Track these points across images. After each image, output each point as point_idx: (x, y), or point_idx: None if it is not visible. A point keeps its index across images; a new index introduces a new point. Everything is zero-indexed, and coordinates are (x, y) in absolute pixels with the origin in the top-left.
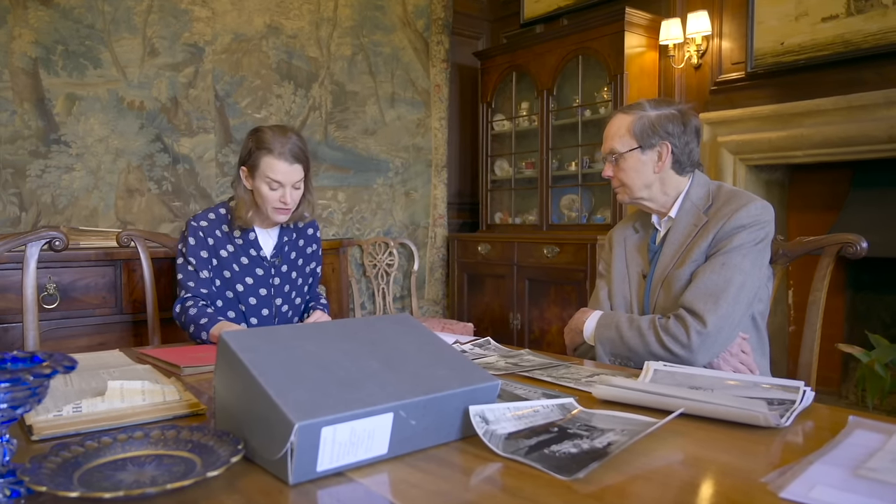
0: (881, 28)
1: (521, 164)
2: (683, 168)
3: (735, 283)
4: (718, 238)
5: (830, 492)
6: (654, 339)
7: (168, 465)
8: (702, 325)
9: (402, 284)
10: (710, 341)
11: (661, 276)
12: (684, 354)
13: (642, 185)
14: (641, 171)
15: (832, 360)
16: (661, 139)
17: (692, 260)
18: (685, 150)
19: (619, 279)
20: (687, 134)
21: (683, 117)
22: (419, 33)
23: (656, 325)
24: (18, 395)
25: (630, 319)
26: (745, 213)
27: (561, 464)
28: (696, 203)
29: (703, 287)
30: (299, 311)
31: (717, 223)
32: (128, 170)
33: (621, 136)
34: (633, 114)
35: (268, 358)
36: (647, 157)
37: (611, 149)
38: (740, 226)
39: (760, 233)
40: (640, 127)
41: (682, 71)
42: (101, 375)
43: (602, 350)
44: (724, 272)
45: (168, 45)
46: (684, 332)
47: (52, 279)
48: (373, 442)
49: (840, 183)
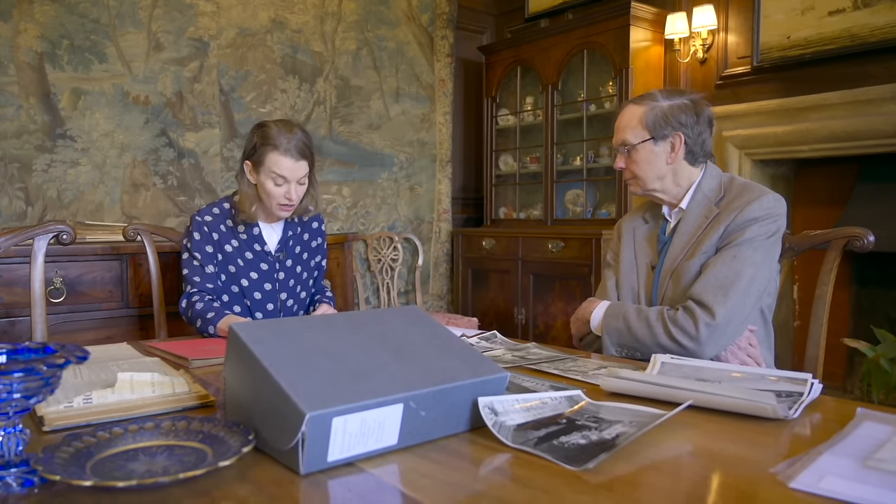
0: (888, 22)
1: (525, 158)
2: (696, 159)
3: (746, 276)
4: (730, 230)
5: (839, 482)
6: (663, 330)
7: (179, 455)
8: (711, 317)
9: (407, 279)
10: (718, 333)
11: (671, 268)
12: (692, 346)
13: (655, 177)
14: (654, 163)
15: (837, 355)
16: (674, 130)
17: (702, 252)
18: (698, 140)
19: (627, 270)
20: (700, 124)
21: (696, 107)
22: (424, 28)
23: (665, 316)
24: (32, 385)
25: (638, 310)
26: (757, 205)
27: (570, 454)
28: (708, 195)
29: (714, 279)
30: (304, 305)
31: (729, 215)
32: (133, 164)
33: (633, 127)
34: (644, 104)
35: (278, 349)
36: (660, 149)
37: (623, 140)
38: (752, 218)
39: (773, 226)
40: (652, 118)
41: (687, 65)
42: (110, 367)
43: (609, 340)
44: (735, 264)
45: (173, 39)
46: (693, 325)
47: (59, 273)
48: (383, 432)
49: (846, 177)
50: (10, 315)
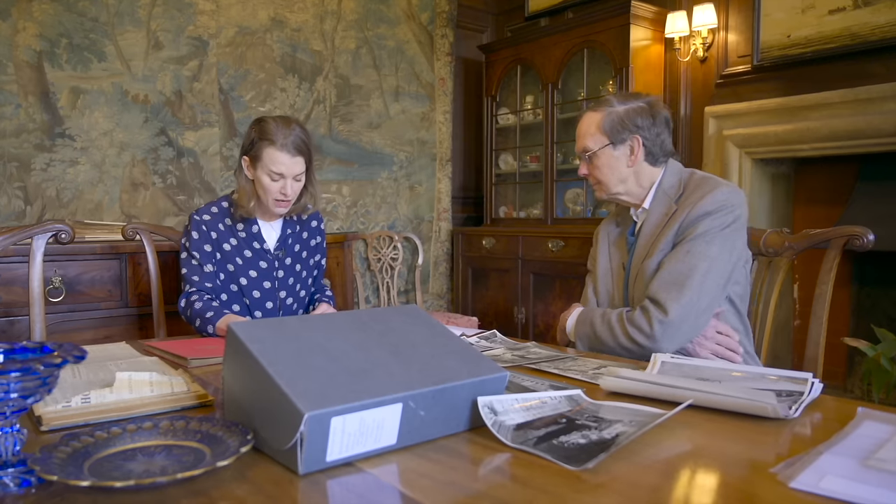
0: (889, 20)
1: (525, 157)
2: (657, 159)
3: (699, 270)
4: (684, 226)
5: (840, 482)
6: (621, 331)
7: (178, 455)
8: (663, 314)
9: (407, 278)
10: (672, 330)
11: (636, 268)
12: (648, 345)
13: (617, 181)
14: (615, 167)
15: (837, 355)
16: (632, 133)
17: (660, 250)
18: (656, 141)
19: (603, 274)
20: (657, 125)
21: (652, 109)
22: (423, 26)
23: (623, 317)
24: (29, 385)
25: (603, 314)
26: (709, 199)
27: (570, 454)
28: (668, 192)
29: (667, 276)
30: (304, 304)
31: (684, 211)
32: (132, 163)
33: (592, 133)
34: (601, 110)
35: (277, 348)
36: (620, 153)
37: (584, 147)
38: (704, 213)
39: (727, 217)
40: (609, 123)
41: (687, 64)
42: (108, 367)
43: (580, 345)
44: (688, 260)
45: (172, 38)
46: (647, 323)
47: (58, 273)
48: (382, 432)
49: (846, 176)
50: (9, 314)
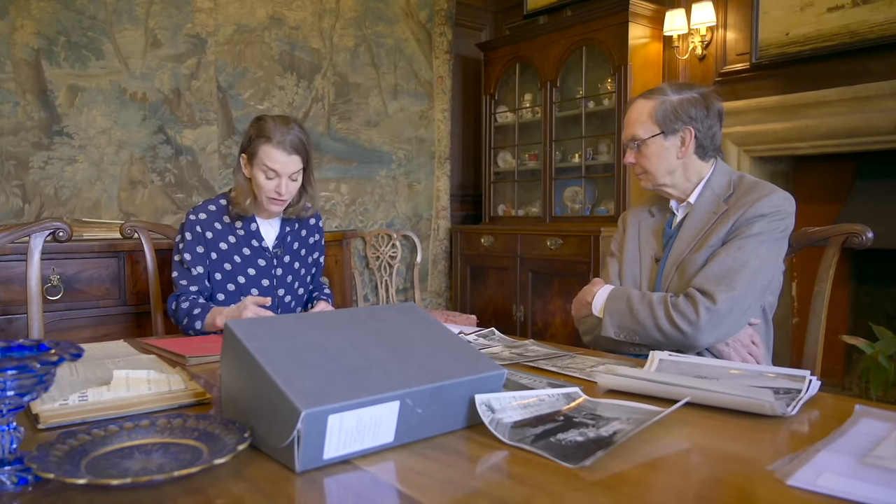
0: (887, 18)
1: (524, 155)
2: (707, 153)
3: (751, 267)
4: (738, 225)
5: (837, 479)
6: (664, 314)
7: (175, 453)
8: (712, 301)
9: (405, 277)
10: (717, 320)
11: (676, 261)
12: (691, 332)
13: (665, 171)
14: (664, 157)
15: (836, 352)
16: (684, 124)
17: (709, 245)
18: (708, 134)
19: (630, 261)
20: (710, 118)
21: (706, 101)
22: (422, 24)
23: (668, 301)
24: (25, 383)
25: (642, 294)
26: (767, 202)
27: (567, 452)
28: (717, 191)
29: (717, 269)
30: (302, 302)
31: (738, 211)
32: (130, 161)
33: (643, 122)
34: (654, 99)
35: (274, 346)
36: (671, 143)
37: (633, 135)
38: (761, 214)
39: (781, 223)
40: (662, 112)
41: (686, 62)
42: (106, 365)
43: (610, 321)
44: (740, 255)
45: (170, 36)
46: (693, 310)
47: (56, 271)
48: (379, 430)
49: (845, 174)
50: (7, 313)
